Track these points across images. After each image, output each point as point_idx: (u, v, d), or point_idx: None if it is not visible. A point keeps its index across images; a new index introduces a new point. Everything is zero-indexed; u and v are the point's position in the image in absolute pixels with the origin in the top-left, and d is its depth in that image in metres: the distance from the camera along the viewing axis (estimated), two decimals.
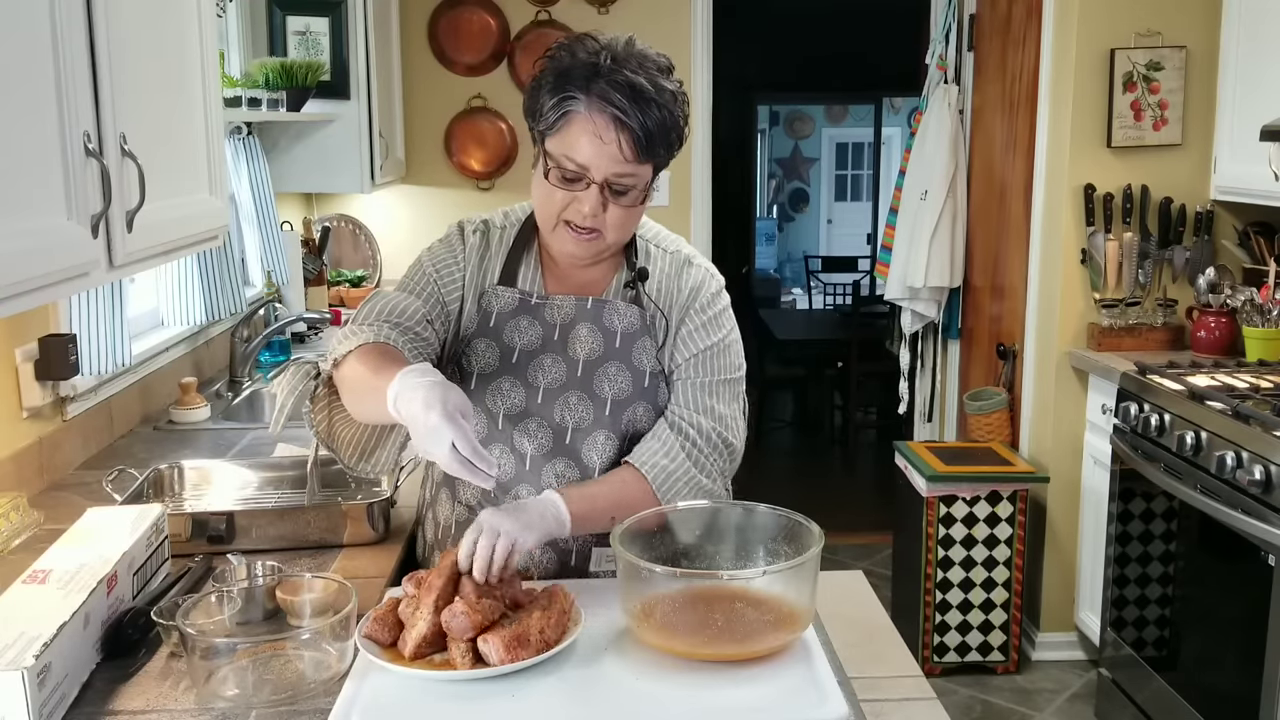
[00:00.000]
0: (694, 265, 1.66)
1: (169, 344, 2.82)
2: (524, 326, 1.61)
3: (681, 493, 1.56)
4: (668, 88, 1.49)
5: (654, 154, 1.49)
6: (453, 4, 4.28)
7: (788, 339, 6.56)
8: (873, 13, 7.43)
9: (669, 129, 1.49)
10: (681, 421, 1.60)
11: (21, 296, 1.26)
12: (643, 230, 1.67)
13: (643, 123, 1.45)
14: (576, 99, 1.46)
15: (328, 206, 4.38)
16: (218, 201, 2.01)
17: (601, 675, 1.30)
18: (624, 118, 1.44)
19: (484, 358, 1.60)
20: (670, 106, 1.49)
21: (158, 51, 1.74)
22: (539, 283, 1.64)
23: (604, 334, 1.60)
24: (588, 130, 1.46)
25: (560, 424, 1.59)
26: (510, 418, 1.60)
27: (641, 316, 1.61)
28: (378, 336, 1.48)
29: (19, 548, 1.77)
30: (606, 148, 1.45)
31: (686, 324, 1.63)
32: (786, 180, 11.94)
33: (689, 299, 1.63)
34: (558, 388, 1.59)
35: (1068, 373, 3.52)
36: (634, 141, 1.45)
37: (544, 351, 1.60)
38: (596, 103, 1.45)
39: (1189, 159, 3.40)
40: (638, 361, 1.61)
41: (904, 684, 1.57)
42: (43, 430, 2.15)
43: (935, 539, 3.45)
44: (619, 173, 1.48)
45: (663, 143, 1.49)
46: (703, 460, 1.59)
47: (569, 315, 1.61)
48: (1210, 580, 2.67)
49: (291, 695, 1.29)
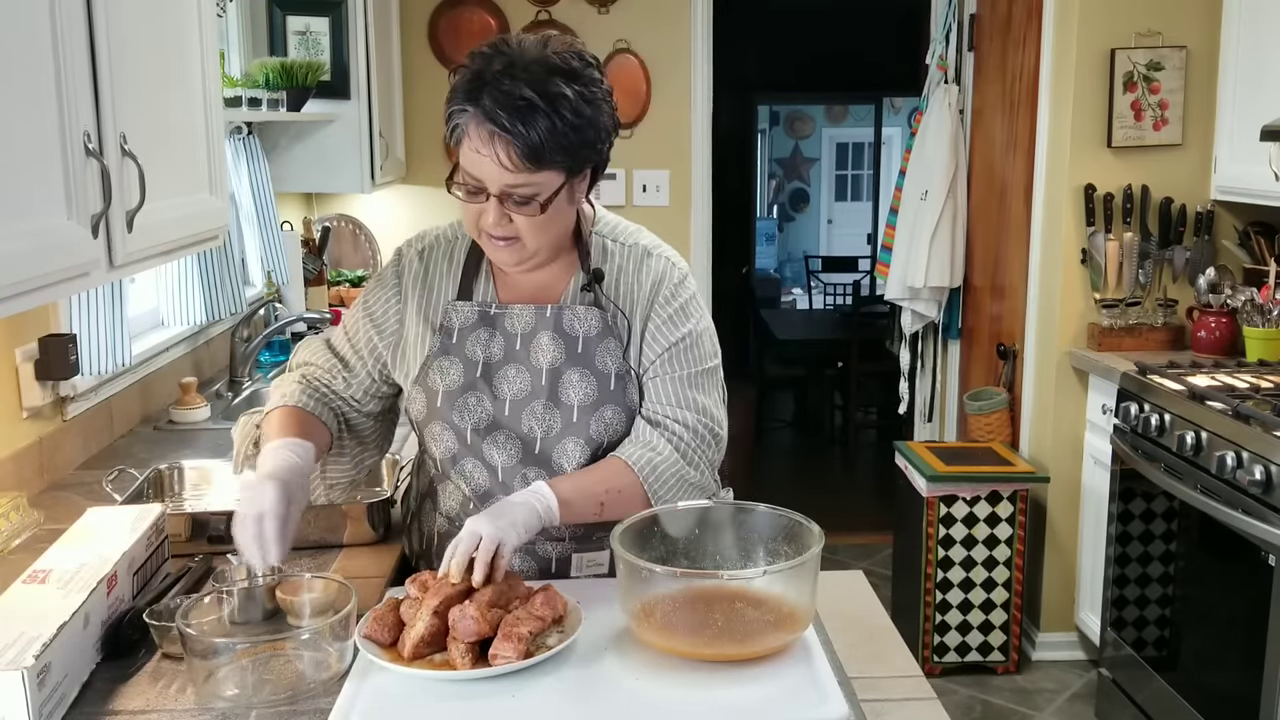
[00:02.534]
0: (653, 256, 1.63)
1: (169, 344, 2.82)
2: (485, 339, 1.60)
3: (669, 485, 1.55)
4: (564, 92, 1.43)
5: (548, 162, 1.44)
6: (453, 4, 4.28)
7: (788, 339, 6.56)
8: (873, 12, 7.43)
9: (564, 134, 1.43)
10: (664, 419, 1.58)
11: (22, 296, 1.27)
12: (599, 225, 1.64)
13: (525, 134, 1.40)
14: (465, 111, 1.44)
15: (328, 206, 4.38)
16: (218, 201, 2.01)
17: (601, 675, 1.30)
18: (504, 131, 1.41)
19: (448, 374, 1.59)
20: (564, 111, 1.42)
21: (158, 51, 1.74)
22: (493, 293, 1.62)
23: (565, 340, 1.58)
24: (471, 144, 1.44)
25: (529, 434, 1.58)
26: (479, 431, 1.59)
27: (603, 318, 1.59)
28: (289, 400, 1.60)
29: (19, 548, 1.77)
30: (487, 161, 1.43)
31: (653, 319, 1.60)
32: (787, 180, 11.94)
33: (652, 293, 1.60)
34: (524, 398, 1.58)
35: (1068, 373, 3.52)
36: (516, 153, 1.42)
37: (508, 362, 1.59)
38: (477, 116, 1.42)
39: (1189, 159, 3.40)
40: (601, 365, 1.58)
41: (904, 684, 1.57)
42: (43, 430, 2.15)
43: (935, 539, 3.45)
44: (511, 184, 1.45)
45: (558, 149, 1.44)
46: (690, 454, 1.57)
47: (529, 325, 1.59)
48: (1210, 580, 2.67)
49: (291, 695, 1.29)
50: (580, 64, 1.47)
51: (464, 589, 1.34)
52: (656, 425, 1.58)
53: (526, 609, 1.34)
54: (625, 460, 1.55)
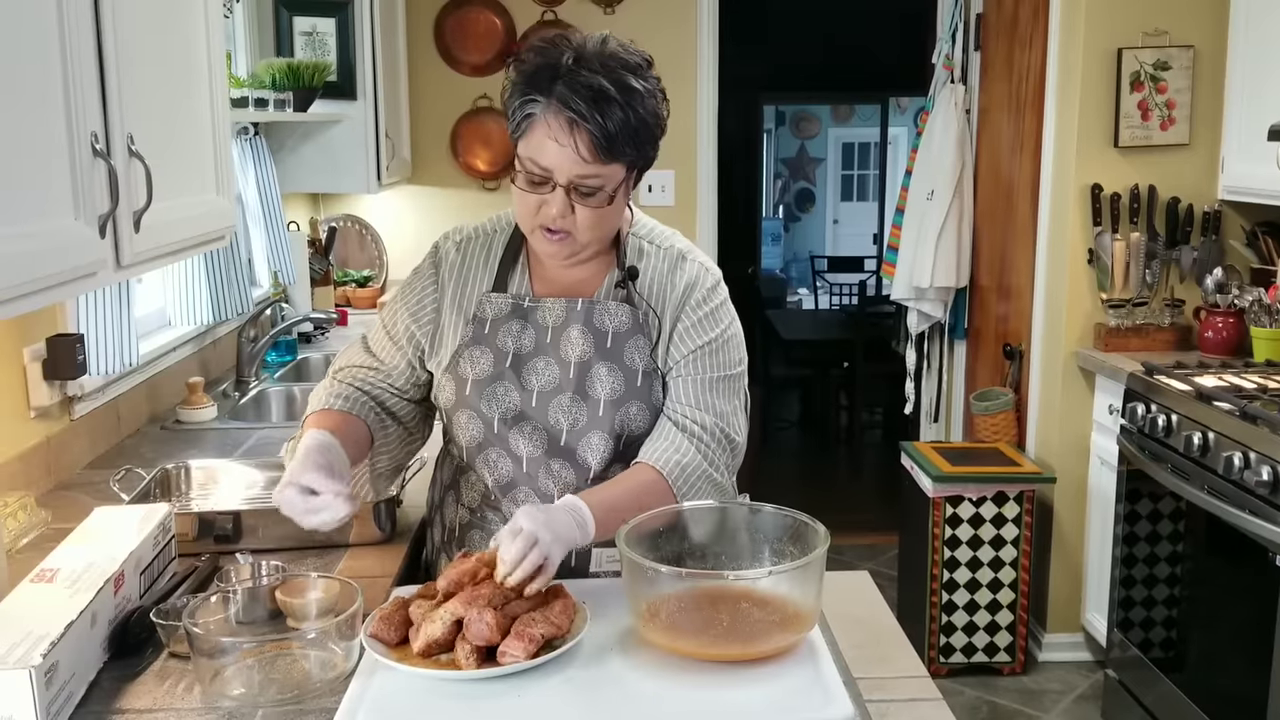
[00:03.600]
0: (688, 260, 1.65)
1: (176, 344, 2.82)
2: (516, 330, 1.61)
3: (698, 487, 1.56)
4: (635, 86, 1.46)
5: (619, 154, 1.47)
6: (459, 4, 4.28)
7: (793, 339, 6.55)
8: (879, 12, 7.42)
9: (636, 128, 1.47)
10: (685, 419, 1.59)
11: (29, 296, 1.27)
12: (636, 227, 1.67)
13: (602, 125, 1.43)
14: (538, 101, 1.46)
15: (334, 207, 4.39)
16: (225, 202, 2.02)
17: (607, 675, 1.30)
18: (582, 120, 1.43)
19: (479, 363, 1.61)
20: (636, 105, 1.46)
21: (165, 53, 1.74)
22: (527, 286, 1.64)
23: (595, 335, 1.60)
24: (547, 133, 1.45)
25: (555, 426, 1.59)
26: (506, 421, 1.60)
27: (633, 315, 1.61)
28: (317, 406, 1.62)
29: (27, 547, 1.77)
30: (565, 150, 1.45)
31: (683, 320, 1.62)
32: (792, 180, 11.94)
33: (684, 295, 1.62)
34: (551, 390, 1.59)
35: (1074, 373, 3.51)
36: (593, 143, 1.44)
37: (537, 354, 1.60)
38: (555, 105, 1.44)
39: (1196, 159, 3.39)
40: (629, 361, 1.60)
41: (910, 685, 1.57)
42: (50, 430, 2.15)
43: (941, 539, 3.45)
44: (582, 175, 1.47)
45: (629, 142, 1.47)
46: (712, 456, 1.59)
47: (560, 317, 1.61)
48: (1217, 581, 2.66)
49: (297, 694, 1.29)
50: (642, 60, 1.51)
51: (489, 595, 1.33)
52: (677, 425, 1.59)
53: (544, 612, 1.34)
54: (654, 467, 1.55)
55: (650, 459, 1.56)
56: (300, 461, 1.42)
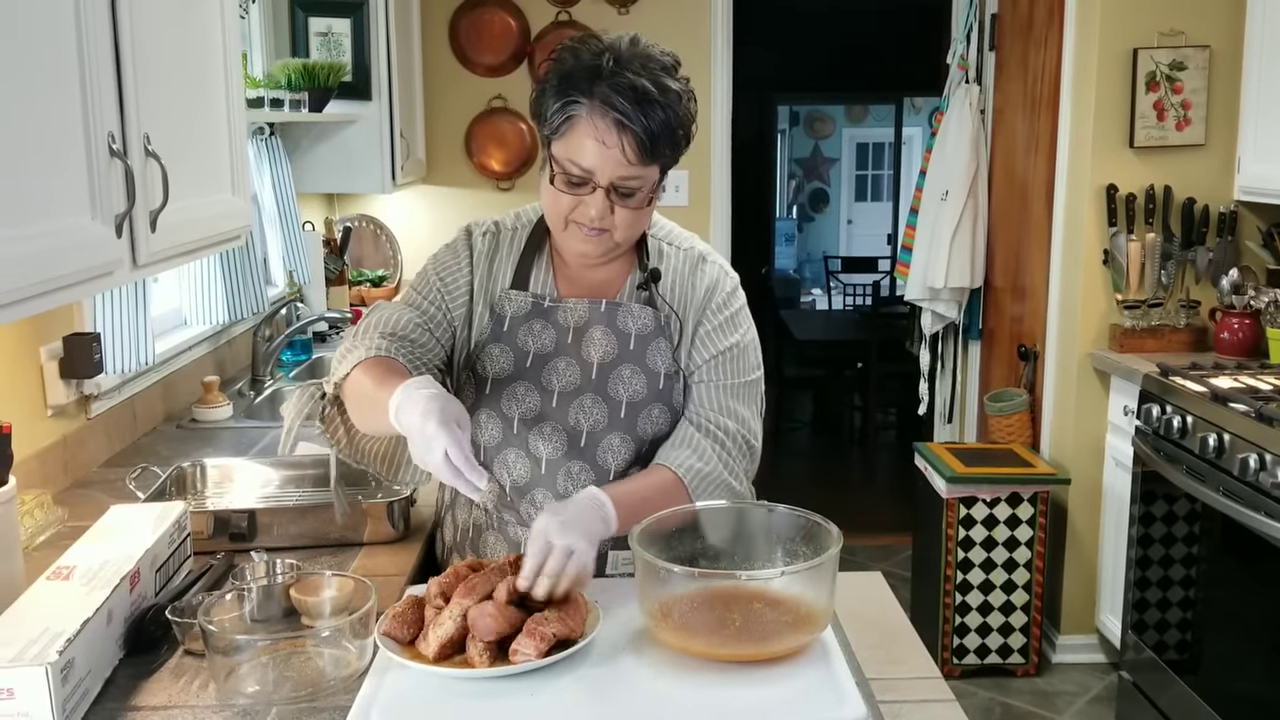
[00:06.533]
0: (708, 262, 1.65)
1: (191, 343, 2.84)
2: (537, 330, 1.61)
3: (714, 495, 1.56)
4: (672, 87, 1.47)
5: (659, 155, 1.47)
6: (473, 5, 4.29)
7: (807, 339, 6.54)
8: (893, 12, 7.41)
9: (674, 129, 1.47)
10: (706, 423, 1.59)
11: (46, 295, 1.28)
12: (655, 229, 1.67)
13: (646, 125, 1.43)
14: (579, 103, 1.45)
15: (349, 207, 4.40)
16: (240, 201, 2.03)
17: (619, 675, 1.30)
18: (627, 121, 1.43)
19: (498, 362, 1.60)
20: (675, 106, 1.46)
21: (181, 53, 1.75)
22: (551, 285, 1.64)
23: (618, 336, 1.60)
24: (591, 134, 1.44)
25: (575, 427, 1.59)
26: (525, 422, 1.60)
27: (656, 318, 1.61)
28: (378, 350, 1.49)
29: (43, 544, 1.78)
30: (610, 152, 1.44)
31: (704, 324, 1.62)
32: (806, 180, 11.92)
33: (705, 298, 1.63)
34: (572, 391, 1.59)
35: (1089, 374, 3.50)
36: (638, 144, 1.44)
37: (558, 355, 1.60)
38: (599, 106, 1.43)
39: (1212, 159, 3.38)
40: (652, 363, 1.60)
41: (923, 686, 1.56)
42: (67, 428, 2.17)
43: (955, 540, 3.44)
44: (624, 176, 1.47)
45: (668, 143, 1.47)
46: (730, 462, 1.59)
47: (583, 318, 1.61)
48: (1232, 583, 2.65)
49: (311, 692, 1.29)
50: (673, 60, 1.51)
51: (490, 591, 1.34)
52: (698, 429, 1.59)
53: (556, 611, 1.34)
54: (673, 470, 1.55)
55: (670, 462, 1.56)
56: (455, 437, 1.30)
